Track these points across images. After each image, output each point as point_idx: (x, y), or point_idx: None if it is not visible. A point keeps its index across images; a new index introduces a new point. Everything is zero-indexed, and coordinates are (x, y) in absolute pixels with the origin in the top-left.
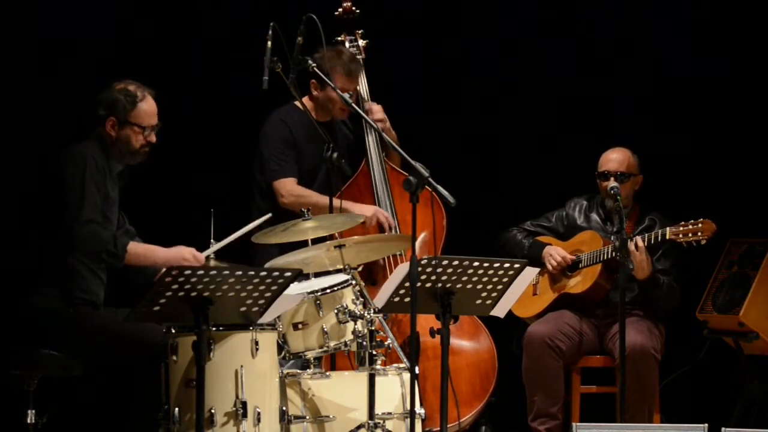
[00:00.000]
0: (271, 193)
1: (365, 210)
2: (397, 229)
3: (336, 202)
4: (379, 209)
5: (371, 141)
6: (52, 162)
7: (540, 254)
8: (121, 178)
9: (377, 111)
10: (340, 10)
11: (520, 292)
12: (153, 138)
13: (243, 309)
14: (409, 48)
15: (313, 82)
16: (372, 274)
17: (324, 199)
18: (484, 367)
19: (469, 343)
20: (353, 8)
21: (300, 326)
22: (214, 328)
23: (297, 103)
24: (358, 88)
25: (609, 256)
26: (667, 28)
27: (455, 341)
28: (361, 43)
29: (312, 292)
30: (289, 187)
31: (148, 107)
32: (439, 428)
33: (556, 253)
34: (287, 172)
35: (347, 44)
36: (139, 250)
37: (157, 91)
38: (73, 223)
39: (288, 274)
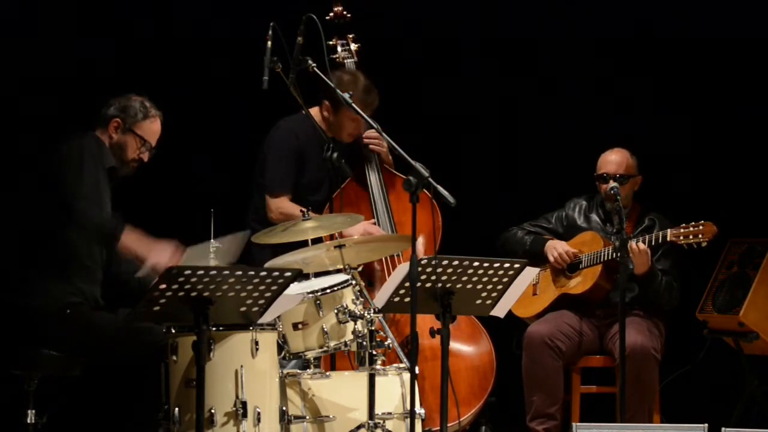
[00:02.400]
0: None
1: (353, 232)
2: (394, 231)
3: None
4: (368, 226)
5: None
6: (50, 152)
7: (542, 248)
8: (112, 177)
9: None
10: (332, 14)
11: (520, 292)
12: (146, 157)
13: (243, 309)
14: (404, 47)
15: (326, 103)
16: (370, 276)
17: None
18: (483, 367)
19: (468, 347)
20: (344, 12)
21: (300, 326)
22: (214, 328)
23: (305, 112)
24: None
25: (609, 257)
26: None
27: (453, 345)
28: (353, 47)
29: (312, 292)
30: (281, 205)
31: (155, 127)
32: (438, 428)
33: (560, 246)
34: (285, 188)
35: (339, 48)
36: (127, 238)
37: (157, 90)
38: (73, 200)
39: (288, 274)
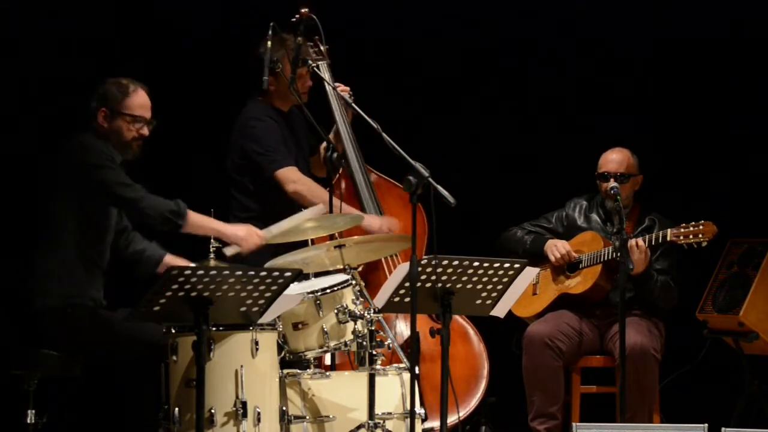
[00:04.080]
0: (263, 187)
1: (373, 222)
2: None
3: (339, 204)
4: (386, 219)
5: (350, 145)
6: (65, 153)
7: (542, 247)
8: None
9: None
10: (297, 16)
11: (520, 292)
12: (145, 131)
13: (243, 309)
14: (409, 46)
15: (270, 76)
16: (367, 276)
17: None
18: (475, 366)
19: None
20: (310, 15)
21: (300, 326)
22: (214, 328)
23: (261, 99)
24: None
25: (609, 257)
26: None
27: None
28: (322, 48)
29: (312, 292)
30: (297, 176)
31: (140, 99)
32: (438, 429)
33: (561, 245)
34: (290, 161)
35: (310, 50)
36: (196, 217)
37: (158, 90)
38: (121, 192)
39: (288, 274)
